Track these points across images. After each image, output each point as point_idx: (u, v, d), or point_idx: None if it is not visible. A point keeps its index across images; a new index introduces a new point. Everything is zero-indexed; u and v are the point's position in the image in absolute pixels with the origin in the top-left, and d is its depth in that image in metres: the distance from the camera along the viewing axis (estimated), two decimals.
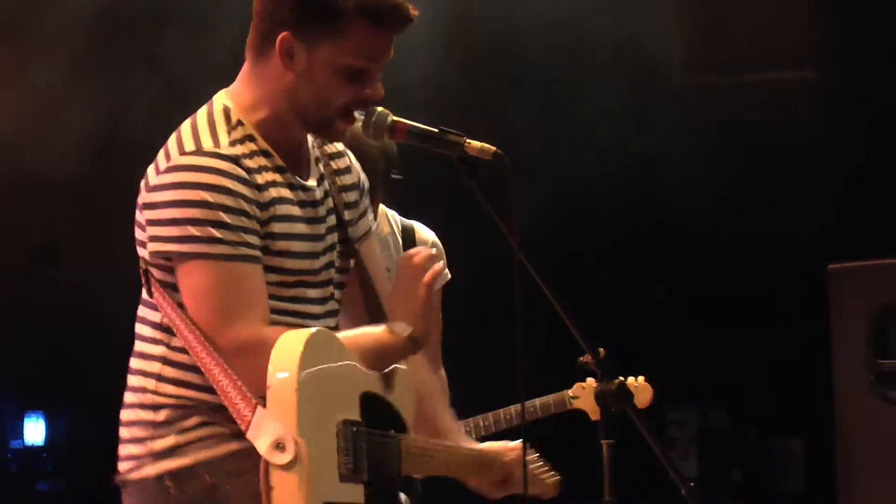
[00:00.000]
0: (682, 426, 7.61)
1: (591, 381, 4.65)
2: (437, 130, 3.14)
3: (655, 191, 7.21)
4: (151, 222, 3.02)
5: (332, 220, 3.20)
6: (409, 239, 4.69)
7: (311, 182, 3.17)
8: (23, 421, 8.00)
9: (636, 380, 4.73)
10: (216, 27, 3.16)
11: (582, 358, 3.15)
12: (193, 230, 2.97)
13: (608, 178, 7.10)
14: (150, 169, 3.06)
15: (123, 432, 3.13)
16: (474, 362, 7.24)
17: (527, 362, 3.09)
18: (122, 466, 3.12)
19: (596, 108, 6.99)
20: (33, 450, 7.99)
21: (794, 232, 7.03)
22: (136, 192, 3.11)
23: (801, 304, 6.80)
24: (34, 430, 7.99)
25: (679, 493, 3.19)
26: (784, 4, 6.89)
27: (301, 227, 3.10)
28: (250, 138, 3.06)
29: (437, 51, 6.47)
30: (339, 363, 3.02)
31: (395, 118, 3.15)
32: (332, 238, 3.20)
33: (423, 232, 4.76)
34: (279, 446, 2.85)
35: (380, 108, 3.14)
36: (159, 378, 3.07)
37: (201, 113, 3.10)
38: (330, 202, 3.21)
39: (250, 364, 2.95)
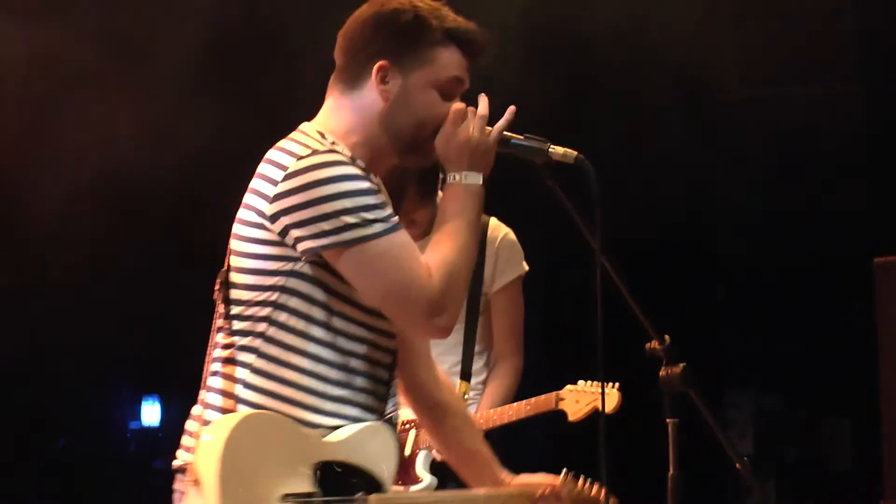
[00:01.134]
0: (739, 408, 7.58)
1: (581, 382, 4.49)
2: (523, 137, 3.15)
3: (715, 193, 7.20)
4: (293, 225, 2.94)
5: None
6: (481, 233, 4.61)
7: None
8: (140, 405, 8.10)
9: (611, 386, 4.48)
10: (310, 60, 3.19)
11: (649, 344, 3.17)
12: (348, 219, 2.92)
13: (670, 180, 7.09)
14: (259, 184, 3.01)
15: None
16: (548, 351, 7.27)
17: (602, 352, 3.09)
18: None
19: (655, 117, 6.99)
20: (150, 430, 8.09)
21: (841, 230, 6.99)
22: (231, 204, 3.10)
23: (849, 295, 6.76)
24: (150, 413, 8.09)
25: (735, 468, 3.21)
26: (828, 20, 6.85)
27: None
28: (352, 159, 3.02)
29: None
30: (280, 441, 2.91)
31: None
32: None
33: (496, 226, 4.74)
34: None
35: None
36: (246, 385, 2.99)
37: (293, 135, 3.08)
38: None
39: (448, 319, 2.97)
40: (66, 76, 6.42)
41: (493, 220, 4.74)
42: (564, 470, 3.39)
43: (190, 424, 3.08)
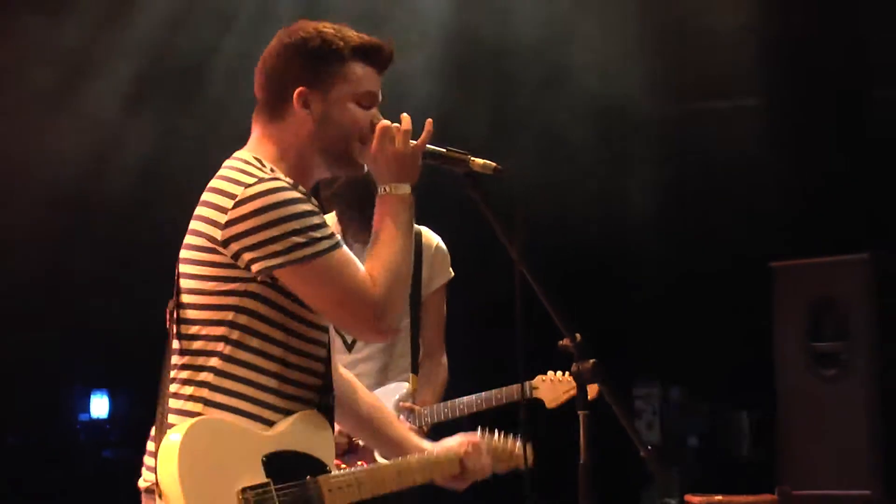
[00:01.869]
0: (646, 400, 7.60)
1: (550, 373, 4.55)
2: (444, 150, 3.18)
3: (626, 201, 7.22)
4: (245, 249, 2.96)
5: None
6: (417, 241, 4.70)
7: None
8: (89, 398, 8.06)
9: (562, 374, 4.53)
10: (248, 76, 3.19)
11: (562, 342, 3.15)
12: (297, 239, 2.95)
13: (586, 188, 7.12)
14: (208, 212, 3.01)
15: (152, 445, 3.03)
16: (474, 352, 7.29)
17: (524, 350, 3.11)
18: (151, 477, 3.00)
19: (570, 132, 7.03)
20: (98, 422, 8.05)
21: (743, 236, 7.04)
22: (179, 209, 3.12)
23: (749, 296, 6.83)
24: (99, 406, 8.05)
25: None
26: (734, 42, 6.90)
27: None
28: (291, 184, 3.03)
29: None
30: (228, 441, 2.93)
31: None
32: None
33: (429, 235, 4.78)
34: None
35: None
36: (206, 402, 2.99)
37: (233, 163, 3.07)
38: None
39: (389, 322, 3.01)
40: (19, 90, 6.38)
41: (425, 229, 4.78)
42: (479, 427, 3.43)
43: (151, 445, 3.05)
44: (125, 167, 6.56)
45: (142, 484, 3.05)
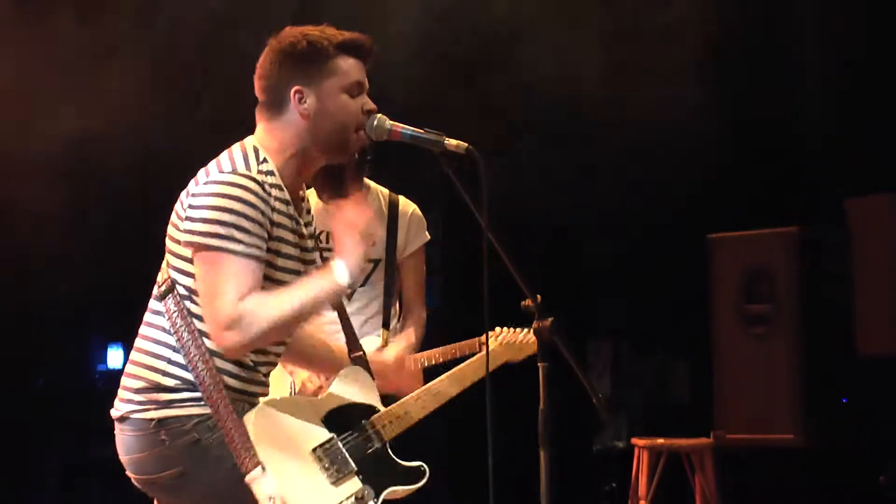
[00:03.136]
0: (598, 354, 7.64)
1: (498, 329, 4.48)
2: (422, 131, 3.22)
3: (582, 178, 7.24)
4: (189, 219, 3.03)
5: (312, 246, 3.27)
6: (394, 209, 4.68)
7: (303, 220, 3.24)
8: (107, 350, 8.11)
9: (527, 332, 4.47)
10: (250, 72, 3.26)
11: (524, 302, 3.20)
12: (220, 229, 2.99)
13: (547, 167, 7.14)
14: (191, 184, 3.11)
15: (130, 381, 3.16)
16: (445, 307, 7.34)
17: (490, 308, 3.20)
18: (124, 407, 3.14)
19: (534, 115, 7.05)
20: (114, 372, 8.09)
21: (684, 210, 7.07)
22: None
23: (688, 262, 6.90)
24: (115, 357, 8.10)
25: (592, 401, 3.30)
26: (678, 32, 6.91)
27: (290, 249, 3.15)
28: (272, 173, 3.09)
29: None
30: (292, 413, 3.06)
31: (392, 122, 3.24)
32: (312, 256, 3.26)
33: (406, 204, 4.75)
34: (271, 499, 2.92)
35: (380, 115, 3.24)
36: (169, 361, 3.10)
37: (236, 148, 3.14)
38: (312, 239, 3.28)
39: (240, 337, 2.99)
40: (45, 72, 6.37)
41: (402, 198, 4.74)
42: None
43: (124, 380, 3.19)
44: (144, 130, 6.52)
45: (114, 413, 3.18)
